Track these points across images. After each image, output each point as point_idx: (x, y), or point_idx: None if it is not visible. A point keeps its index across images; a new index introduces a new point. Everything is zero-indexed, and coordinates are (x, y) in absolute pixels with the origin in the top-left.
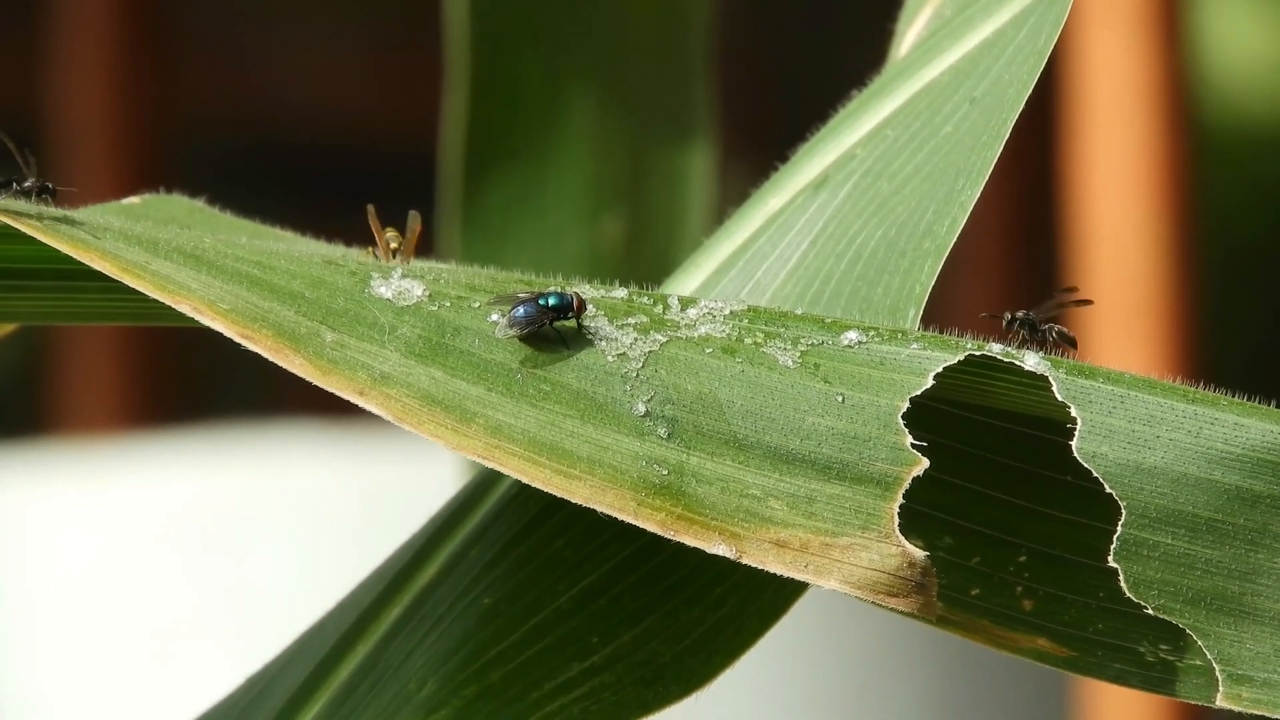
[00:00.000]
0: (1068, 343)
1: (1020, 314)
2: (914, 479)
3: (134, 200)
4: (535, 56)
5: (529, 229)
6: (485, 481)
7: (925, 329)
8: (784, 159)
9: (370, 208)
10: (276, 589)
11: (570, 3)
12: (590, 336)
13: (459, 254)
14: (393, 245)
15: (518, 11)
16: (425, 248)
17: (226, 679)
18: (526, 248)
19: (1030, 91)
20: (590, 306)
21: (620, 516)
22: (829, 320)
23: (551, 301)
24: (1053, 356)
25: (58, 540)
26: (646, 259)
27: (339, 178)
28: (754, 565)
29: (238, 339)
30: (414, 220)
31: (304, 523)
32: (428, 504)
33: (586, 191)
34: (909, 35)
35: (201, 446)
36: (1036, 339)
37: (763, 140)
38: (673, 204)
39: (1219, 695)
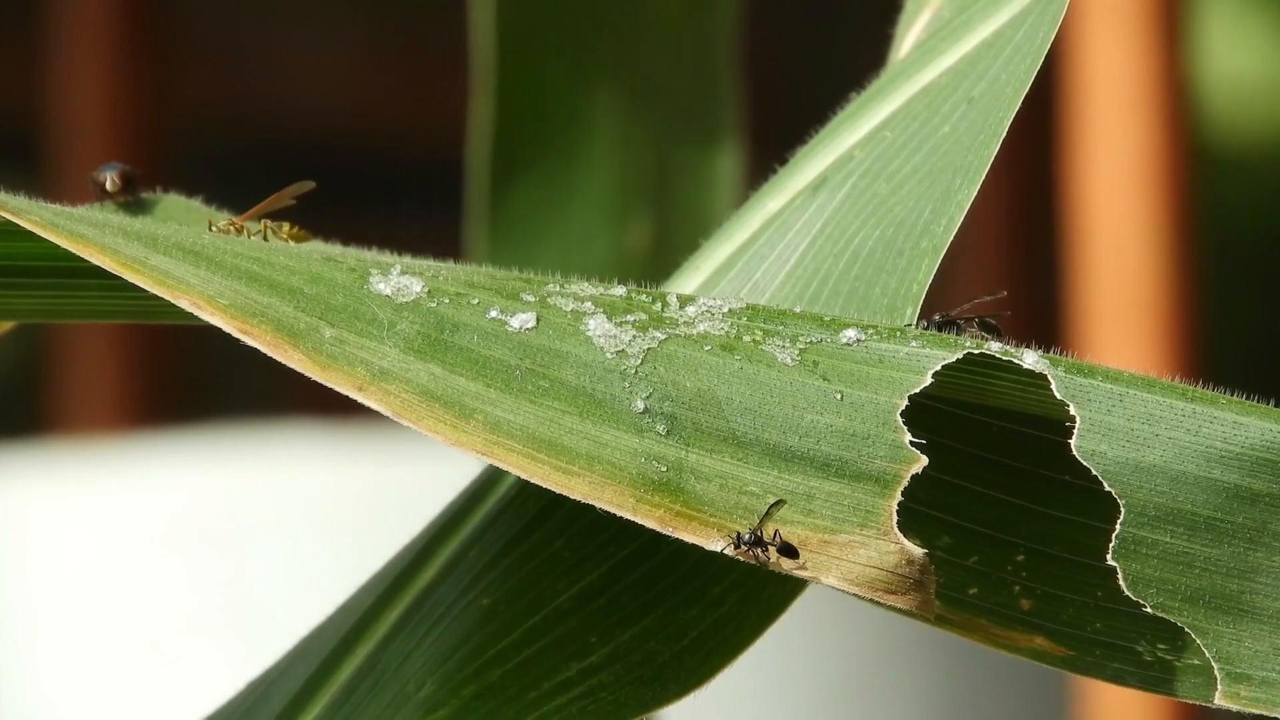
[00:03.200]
0: (990, 331)
1: (937, 316)
2: (912, 477)
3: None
4: (561, 60)
5: (556, 233)
6: (485, 483)
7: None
8: (783, 161)
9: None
10: (277, 588)
11: (595, 5)
12: (589, 335)
13: (486, 258)
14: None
15: (543, 15)
16: (452, 251)
17: (227, 678)
18: (554, 252)
19: (1028, 89)
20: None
21: (619, 513)
22: (828, 318)
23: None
24: (1052, 355)
25: (58, 540)
26: (673, 263)
27: (339, 178)
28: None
29: (237, 334)
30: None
31: (304, 522)
32: (428, 503)
33: (613, 195)
34: (908, 38)
35: (202, 446)
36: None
37: (762, 142)
38: (700, 207)
39: (1217, 694)
